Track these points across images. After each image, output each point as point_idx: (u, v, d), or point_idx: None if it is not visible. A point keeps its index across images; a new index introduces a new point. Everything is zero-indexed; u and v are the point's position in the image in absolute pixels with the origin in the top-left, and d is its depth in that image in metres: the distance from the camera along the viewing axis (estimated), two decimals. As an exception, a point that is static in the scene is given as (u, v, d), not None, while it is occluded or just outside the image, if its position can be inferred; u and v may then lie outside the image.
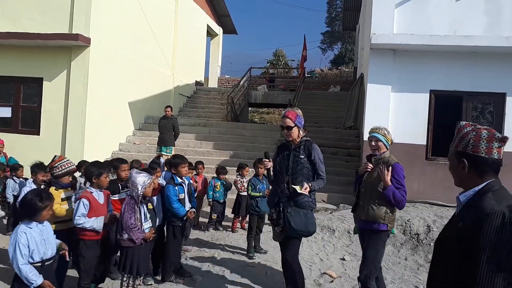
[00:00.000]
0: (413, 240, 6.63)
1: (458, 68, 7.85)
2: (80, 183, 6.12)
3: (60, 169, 3.92)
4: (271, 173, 3.90)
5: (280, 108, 21.84)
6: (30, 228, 2.95)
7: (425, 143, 8.08)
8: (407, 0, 7.94)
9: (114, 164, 4.64)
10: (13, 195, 6.30)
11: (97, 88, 9.94)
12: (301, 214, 3.67)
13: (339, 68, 28.59)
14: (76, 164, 6.97)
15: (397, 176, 3.66)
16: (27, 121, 10.12)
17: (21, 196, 4.25)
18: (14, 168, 6.71)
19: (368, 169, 3.78)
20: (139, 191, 3.81)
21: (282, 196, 3.75)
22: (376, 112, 8.02)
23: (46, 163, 6.02)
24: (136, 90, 11.96)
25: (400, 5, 7.98)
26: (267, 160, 3.91)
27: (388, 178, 3.63)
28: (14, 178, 6.56)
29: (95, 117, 9.92)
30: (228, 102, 13.97)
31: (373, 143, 3.85)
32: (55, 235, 3.23)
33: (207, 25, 18.18)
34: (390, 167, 3.66)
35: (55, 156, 4.13)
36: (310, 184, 3.66)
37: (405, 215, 7.08)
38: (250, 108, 19.72)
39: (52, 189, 3.81)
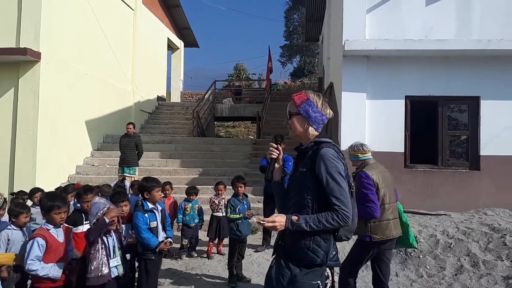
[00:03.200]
0: (401, 253, 6.28)
1: (432, 72, 7.72)
2: (32, 214, 5.32)
3: None
4: (272, 170, 2.44)
5: (247, 121, 21.48)
6: None
7: (403, 150, 7.84)
8: (378, 5, 7.77)
9: (78, 192, 3.94)
10: None
11: (49, 107, 9.04)
12: (284, 274, 2.21)
13: (300, 80, 28.73)
14: (27, 192, 6.19)
15: (360, 186, 3.63)
16: (-31, 146, 9.02)
17: None
18: None
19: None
20: (92, 220, 3.16)
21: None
22: (352, 121, 7.72)
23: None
24: (94, 107, 11.10)
25: (371, 10, 7.79)
26: (274, 146, 2.42)
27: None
28: None
29: (47, 139, 8.99)
30: (193, 116, 13.36)
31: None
32: None
33: (168, 38, 17.54)
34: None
35: None
36: (297, 216, 2.15)
37: (389, 227, 6.75)
38: (215, 123, 19.13)
39: None
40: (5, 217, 4.35)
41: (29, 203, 5.19)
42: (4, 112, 8.75)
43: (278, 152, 2.42)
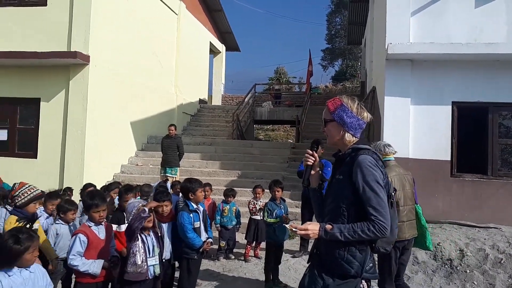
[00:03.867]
0: (446, 266, 6.00)
1: (481, 77, 7.33)
2: (82, 208, 5.58)
3: (22, 197, 3.33)
4: (308, 177, 2.40)
5: (286, 125, 21.43)
6: (9, 276, 2.37)
7: (449, 158, 7.50)
8: (423, 8, 7.50)
9: (119, 192, 4.09)
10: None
11: (97, 108, 9.46)
12: (316, 283, 2.16)
13: (342, 84, 28.31)
14: (81, 188, 6.47)
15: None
16: (24, 144, 9.60)
17: None
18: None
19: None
20: (129, 218, 3.26)
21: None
22: (395, 127, 7.48)
23: (43, 189, 5.50)
24: (138, 109, 11.49)
25: (415, 13, 7.53)
26: (310, 153, 2.38)
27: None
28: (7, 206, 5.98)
29: (95, 138, 9.41)
30: (233, 119, 13.50)
31: None
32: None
33: (210, 42, 17.87)
34: None
35: (15, 184, 3.54)
36: (331, 225, 2.09)
37: (434, 238, 6.45)
38: (254, 126, 19.24)
39: (12, 220, 3.19)
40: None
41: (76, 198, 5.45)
42: (56, 112, 9.24)
43: (314, 159, 2.37)
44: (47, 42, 9.06)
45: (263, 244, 6.43)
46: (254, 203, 6.40)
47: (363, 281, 2.20)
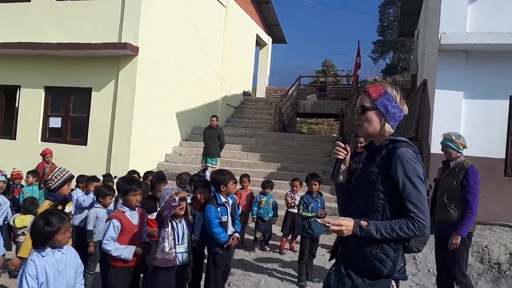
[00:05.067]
0: (493, 270, 5.62)
1: (545, 70, 6.73)
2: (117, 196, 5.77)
3: (55, 180, 3.41)
4: (338, 171, 2.26)
5: (330, 118, 20.99)
6: (43, 256, 2.47)
7: (503, 156, 6.98)
8: (481, -5, 6.98)
9: (151, 182, 4.16)
10: None
11: (144, 98, 9.76)
12: (344, 283, 2.01)
13: (392, 77, 27.23)
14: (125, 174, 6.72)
15: (470, 179, 3.76)
16: (76, 132, 10.13)
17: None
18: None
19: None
20: (162, 203, 3.28)
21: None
22: (445, 121, 7.06)
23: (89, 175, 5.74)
24: (184, 100, 11.72)
25: (473, 1, 7.02)
26: (341, 145, 2.24)
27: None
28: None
29: (141, 128, 9.72)
30: (275, 112, 13.41)
31: (442, 149, 4.03)
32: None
33: (256, 34, 17.82)
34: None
35: (45, 168, 3.62)
36: (366, 222, 1.94)
37: (482, 240, 6.07)
38: (298, 119, 19.01)
39: (45, 204, 3.29)
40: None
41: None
42: (106, 101, 9.64)
43: (345, 152, 2.23)
44: (99, 33, 9.44)
45: (299, 238, 6.34)
46: (291, 196, 6.32)
47: (393, 281, 2.06)
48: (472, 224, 3.80)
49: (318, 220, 1.99)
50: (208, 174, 8.05)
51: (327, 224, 1.92)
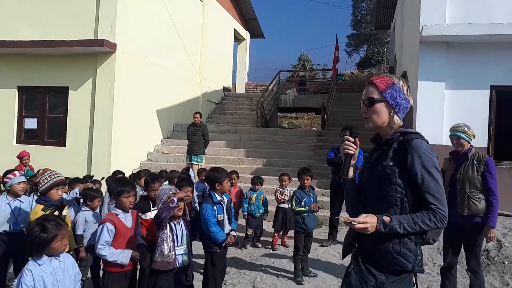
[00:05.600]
0: (483, 257, 5.73)
1: (523, 60, 6.90)
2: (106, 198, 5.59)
3: (43, 183, 3.27)
4: (348, 167, 2.18)
5: (310, 113, 21.09)
6: (40, 265, 2.33)
7: (486, 145, 7.14)
8: (460, -14, 7.10)
9: (145, 181, 4.03)
10: None
11: (123, 96, 9.50)
12: (368, 281, 1.97)
13: (368, 70, 27.61)
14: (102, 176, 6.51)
15: (491, 170, 3.89)
16: (53, 132, 9.78)
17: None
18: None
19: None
20: (159, 204, 3.17)
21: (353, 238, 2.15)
22: (429, 112, 7.17)
23: (71, 176, 5.53)
24: (164, 97, 11.50)
25: (452, -8, 7.13)
26: (351, 140, 2.16)
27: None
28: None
29: (122, 126, 9.46)
30: (257, 107, 13.35)
31: (454, 141, 4.01)
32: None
33: (234, 29, 17.66)
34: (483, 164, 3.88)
35: (39, 170, 3.46)
36: (389, 217, 1.90)
37: (468, 228, 6.19)
38: (278, 113, 19.00)
39: (37, 209, 3.15)
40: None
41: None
42: (84, 100, 9.33)
43: (355, 146, 2.16)
44: (75, 30, 9.11)
45: (290, 233, 6.33)
46: (281, 191, 6.28)
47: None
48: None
49: (342, 218, 1.93)
50: (191, 172, 7.93)
51: (352, 222, 1.86)
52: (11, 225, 3.93)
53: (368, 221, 1.87)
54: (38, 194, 3.28)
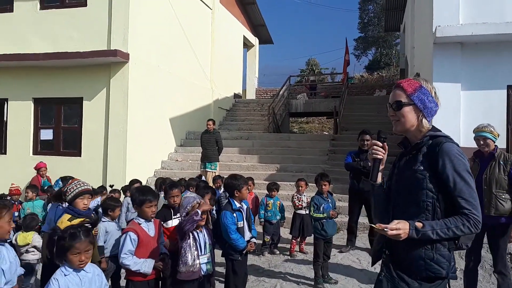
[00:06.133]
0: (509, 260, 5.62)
1: (540, 58, 6.80)
2: (128, 203, 5.63)
3: (70, 191, 3.28)
4: (377, 173, 2.15)
5: (321, 117, 21.02)
6: (65, 275, 2.34)
7: (505, 146, 7.02)
8: (473, -14, 7.03)
9: (164, 188, 4.04)
10: None
11: (137, 105, 9.57)
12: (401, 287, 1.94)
13: (377, 72, 27.49)
14: (126, 184, 6.55)
15: None
16: (68, 143, 9.87)
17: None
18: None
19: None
20: (182, 213, 3.17)
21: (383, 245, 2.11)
22: (445, 114, 7.04)
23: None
24: (176, 105, 11.56)
25: (465, -8, 7.07)
26: (379, 144, 2.13)
27: None
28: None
29: (136, 135, 9.53)
30: (269, 113, 13.34)
31: (481, 142, 4.07)
32: None
33: (243, 36, 17.74)
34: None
35: (57, 180, 3.47)
36: (421, 223, 1.86)
37: (490, 231, 6.07)
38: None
39: (64, 218, 3.16)
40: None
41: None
42: (98, 110, 9.42)
43: (384, 151, 2.13)
44: (88, 41, 9.23)
45: (308, 239, 6.27)
46: (298, 197, 6.24)
47: None
48: None
49: (374, 226, 1.89)
50: (204, 179, 7.95)
51: (385, 229, 1.83)
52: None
53: (400, 228, 1.83)
54: (66, 203, 3.30)
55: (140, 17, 9.69)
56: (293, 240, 6.23)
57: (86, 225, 2.56)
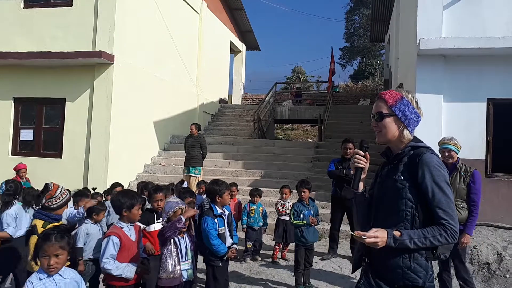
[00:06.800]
0: (484, 270, 5.73)
1: (519, 73, 6.99)
2: (109, 207, 5.52)
3: (59, 200, 3.22)
4: (359, 181, 2.19)
5: (306, 124, 21.17)
6: (40, 279, 2.29)
7: (484, 157, 7.19)
8: (456, 0, 7.21)
9: (148, 192, 3.99)
10: None
11: (120, 107, 9.46)
12: None
13: (362, 82, 27.89)
14: (108, 186, 6.43)
15: (476, 181, 4.09)
16: (49, 144, 9.68)
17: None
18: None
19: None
20: (164, 217, 3.13)
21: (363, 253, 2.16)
22: (427, 125, 7.14)
23: (71, 189, 5.45)
24: (161, 109, 11.47)
25: (448, 6, 7.25)
26: (361, 154, 2.17)
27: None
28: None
29: (119, 138, 9.40)
30: (254, 118, 13.36)
31: (446, 154, 4.15)
32: None
33: (231, 41, 17.77)
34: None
35: (48, 184, 3.35)
36: (399, 232, 1.90)
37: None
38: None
39: (39, 224, 3.09)
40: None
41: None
42: (81, 112, 9.27)
43: (366, 160, 2.17)
44: (73, 42, 9.11)
45: (291, 246, 6.27)
46: (282, 203, 6.24)
47: None
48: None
49: (353, 233, 1.92)
50: (186, 185, 7.87)
51: (363, 237, 1.85)
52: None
53: (378, 236, 1.86)
54: (39, 207, 3.22)
55: (127, 19, 9.61)
56: (276, 247, 6.22)
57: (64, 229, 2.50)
